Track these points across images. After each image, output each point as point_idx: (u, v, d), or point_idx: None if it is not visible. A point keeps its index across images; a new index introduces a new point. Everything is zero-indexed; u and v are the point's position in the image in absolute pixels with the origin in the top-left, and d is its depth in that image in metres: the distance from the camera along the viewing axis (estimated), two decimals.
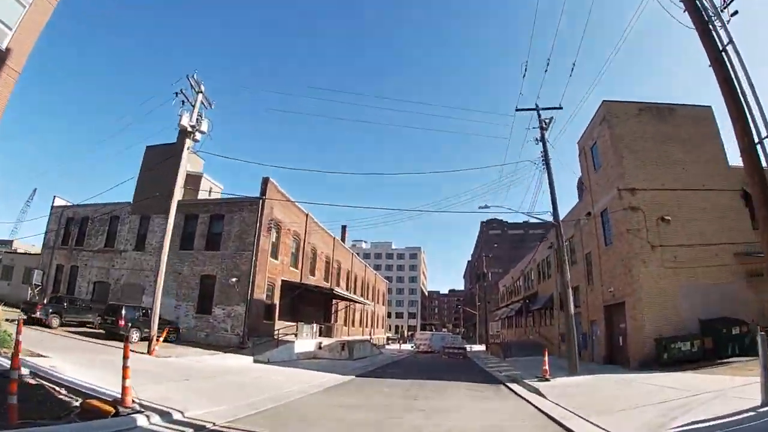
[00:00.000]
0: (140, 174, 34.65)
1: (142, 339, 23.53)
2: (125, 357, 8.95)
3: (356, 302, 43.11)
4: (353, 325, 50.62)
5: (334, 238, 43.99)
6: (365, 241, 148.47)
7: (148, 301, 29.79)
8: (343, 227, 59.42)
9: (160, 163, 30.64)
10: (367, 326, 57.62)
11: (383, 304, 72.13)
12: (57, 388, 9.39)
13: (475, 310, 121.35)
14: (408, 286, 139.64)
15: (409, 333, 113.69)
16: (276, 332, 27.72)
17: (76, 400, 8.61)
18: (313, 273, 37.09)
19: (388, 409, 11.18)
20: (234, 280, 26.86)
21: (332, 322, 40.52)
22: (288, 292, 31.17)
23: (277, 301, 30.10)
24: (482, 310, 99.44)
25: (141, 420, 7.98)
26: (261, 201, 28.26)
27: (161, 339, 20.49)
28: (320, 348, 30.80)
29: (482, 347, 60.39)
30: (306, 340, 30.08)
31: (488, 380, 20.81)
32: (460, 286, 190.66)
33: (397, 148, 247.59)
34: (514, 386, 17.18)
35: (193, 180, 34.39)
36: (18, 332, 7.91)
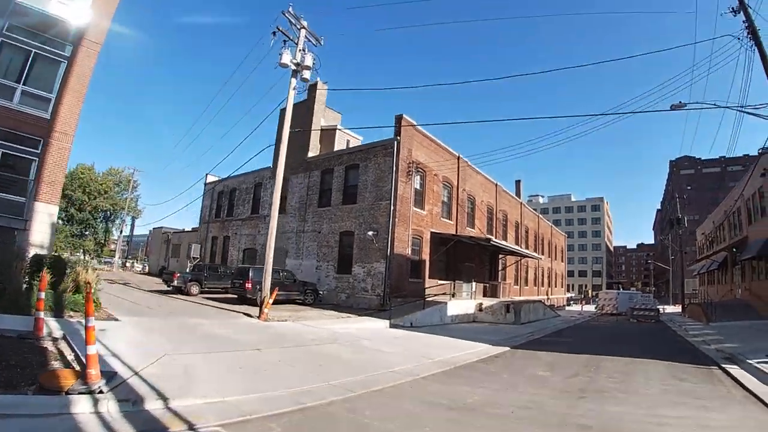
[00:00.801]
0: (277, 137, 33.34)
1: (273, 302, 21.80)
2: (87, 315, 6.21)
3: (521, 255, 37.06)
4: (526, 284, 44.74)
5: (497, 185, 38.32)
6: (542, 195, 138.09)
7: (292, 264, 28.14)
8: (517, 182, 53.57)
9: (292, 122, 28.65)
10: (542, 285, 51.05)
11: (562, 261, 64.16)
12: (66, 354, 7.86)
13: (668, 265, 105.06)
14: (591, 242, 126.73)
15: (593, 293, 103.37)
16: (425, 292, 23.64)
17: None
18: (472, 225, 32.23)
19: (520, 421, 6.38)
20: (371, 233, 23.50)
21: (498, 280, 35.35)
22: (439, 246, 26.91)
23: (426, 256, 26.08)
24: (676, 264, 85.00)
25: (83, 404, 5.34)
26: (395, 142, 24.30)
27: (271, 301, 17.79)
28: (480, 310, 26.13)
29: (676, 308, 49.91)
30: (463, 300, 25.74)
31: (694, 358, 14.18)
32: (649, 239, 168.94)
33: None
34: (736, 371, 10.92)
35: (328, 134, 31.84)
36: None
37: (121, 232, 66.21)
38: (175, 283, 26.35)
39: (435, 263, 26.88)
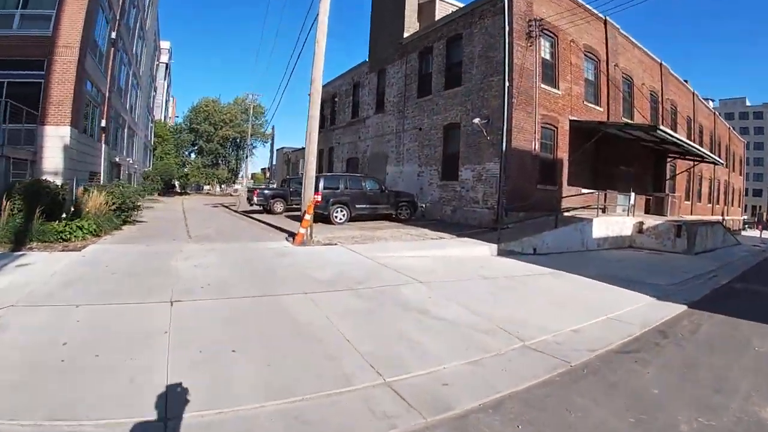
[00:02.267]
0: (371, 25, 27.56)
1: (351, 219, 17.35)
2: None
3: (698, 158, 26.81)
4: (699, 199, 34.23)
5: (661, 64, 28.08)
6: (711, 99, 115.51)
7: (392, 171, 22.59)
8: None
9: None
10: (717, 203, 39.68)
11: (740, 174, 50.64)
12: None
13: None
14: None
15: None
16: (560, 204, 16.45)
17: None
18: (630, 116, 23.30)
19: None
20: (477, 120, 16.59)
21: (665, 192, 26.32)
22: (582, 141, 19.09)
23: (562, 155, 18.67)
24: None
25: None
26: None
27: (308, 217, 12.04)
28: (640, 231, 18.40)
29: None
30: (616, 217, 18.23)
31: None
32: None
33: None
34: None
35: (427, 8, 24.14)
36: None
37: (246, 157, 66.29)
38: (255, 200, 22.74)
39: (576, 165, 19.20)
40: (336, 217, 16.98)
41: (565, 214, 16.77)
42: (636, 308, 7.54)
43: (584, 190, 19.00)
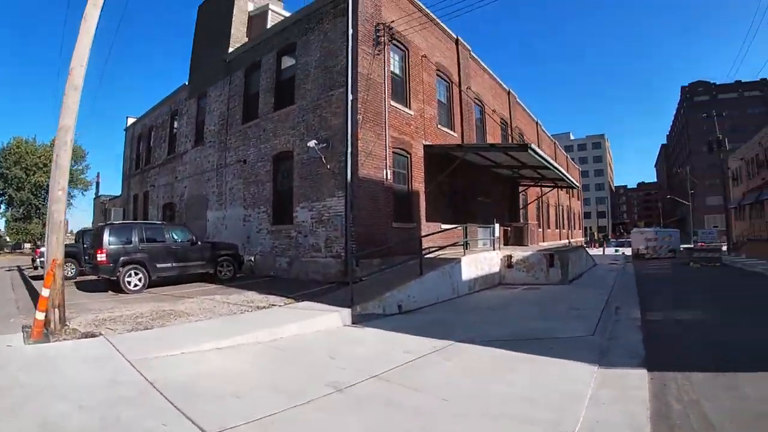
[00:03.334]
0: (194, 42, 23.14)
1: (152, 284, 12.79)
2: None
3: (555, 183, 26.40)
4: (548, 226, 34.67)
5: (509, 92, 27.69)
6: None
7: (214, 217, 18.15)
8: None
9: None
10: (563, 227, 41.16)
11: (578, 199, 54.22)
12: None
13: (677, 203, 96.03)
14: (593, 181, 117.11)
15: (600, 235, 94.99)
16: (421, 244, 13.49)
17: None
18: (483, 141, 21.66)
19: None
20: (313, 143, 13.13)
21: (521, 221, 25.30)
22: (438, 168, 16.59)
23: (418, 185, 15.87)
24: (696, 199, 76.13)
25: None
26: None
27: (47, 294, 8.64)
28: (510, 266, 16.24)
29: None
30: (482, 254, 15.64)
31: None
32: (650, 177, 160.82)
33: None
34: None
35: (258, 21, 20.62)
36: None
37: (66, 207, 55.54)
38: (38, 262, 17.77)
39: (434, 198, 16.61)
40: (129, 283, 12.13)
41: (428, 255, 13.89)
42: (596, 394, 4.57)
43: (444, 226, 16.43)
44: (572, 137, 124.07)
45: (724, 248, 36.75)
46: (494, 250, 16.55)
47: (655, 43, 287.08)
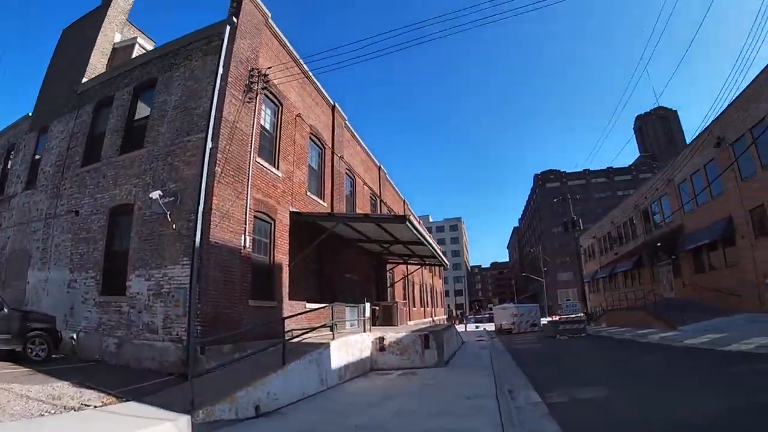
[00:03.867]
0: (48, 69, 19.72)
1: None
2: None
3: (423, 260, 26.08)
4: (414, 304, 34.14)
5: (380, 168, 27.46)
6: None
7: (37, 278, 14.40)
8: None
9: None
10: (427, 306, 41.14)
11: (440, 277, 55.43)
12: None
13: (531, 280, 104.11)
14: (451, 261, 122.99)
15: (458, 312, 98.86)
16: (284, 325, 11.40)
17: None
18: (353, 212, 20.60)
19: None
20: (157, 195, 10.69)
21: (389, 300, 24.22)
22: (304, 240, 14.92)
23: (282, 257, 13.85)
24: (549, 276, 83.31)
25: None
26: (228, 27, 11.95)
27: None
28: (381, 349, 14.78)
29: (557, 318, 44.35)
30: (352, 336, 13.93)
31: None
32: (503, 257, 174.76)
33: None
34: None
35: (123, 54, 18.08)
36: None
37: None
38: None
39: (299, 273, 14.70)
40: None
41: (293, 339, 11.85)
42: None
43: (310, 305, 14.63)
44: (431, 219, 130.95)
45: (545, 320, 39.44)
46: (364, 332, 14.95)
47: (509, 135, 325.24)
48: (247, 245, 11.64)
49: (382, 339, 15.02)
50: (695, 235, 26.75)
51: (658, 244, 30.58)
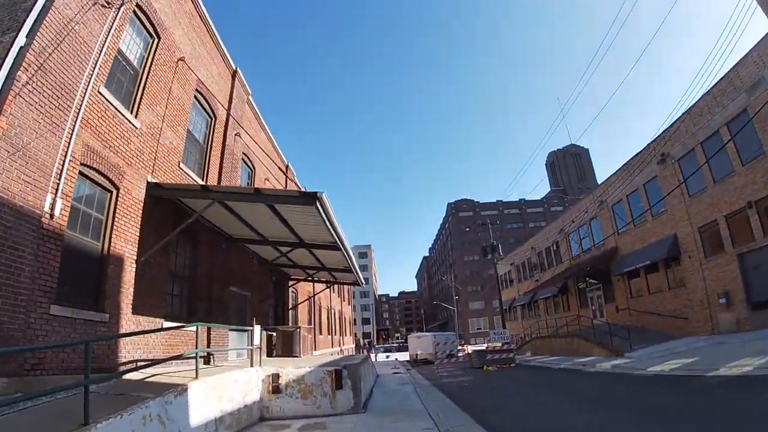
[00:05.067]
0: None
1: None
2: None
3: (333, 275, 21.55)
4: (320, 331, 29.62)
5: (288, 166, 23.23)
6: None
7: None
8: None
9: None
10: (335, 333, 36.78)
11: (349, 304, 51.32)
12: None
13: (439, 309, 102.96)
14: (359, 290, 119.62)
15: (365, 341, 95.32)
16: (118, 353, 6.90)
17: None
18: None
19: None
20: None
21: (291, 324, 19.87)
22: (167, 227, 10.41)
23: (128, 248, 9.16)
24: (462, 304, 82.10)
25: None
26: None
27: None
28: (276, 390, 10.64)
29: (475, 348, 42.19)
30: (234, 373, 9.50)
31: None
32: (410, 287, 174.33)
33: None
34: None
35: None
36: None
37: None
38: None
39: (153, 275, 10.03)
40: None
41: (128, 376, 7.47)
42: None
43: (168, 324, 10.05)
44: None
45: (469, 348, 36.94)
46: (252, 366, 10.68)
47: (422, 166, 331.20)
48: (57, 213, 7.03)
49: (277, 376, 10.82)
50: (632, 258, 25.28)
51: (588, 268, 28.94)
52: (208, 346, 11.63)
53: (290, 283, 21.57)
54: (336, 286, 38.05)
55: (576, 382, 15.35)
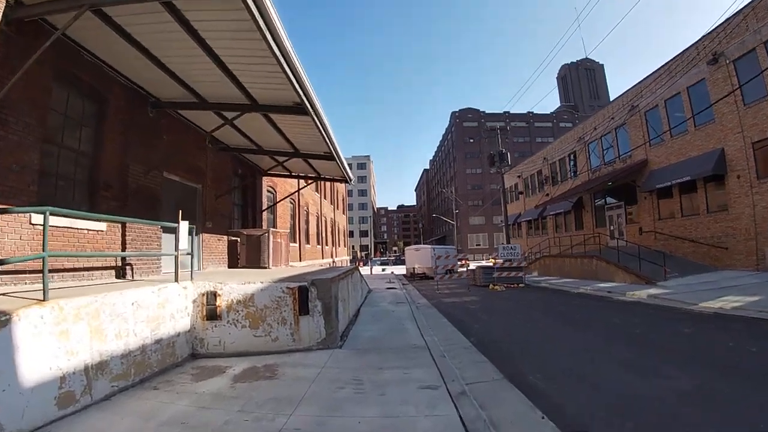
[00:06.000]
0: None
1: None
2: None
3: (318, 173, 17.93)
4: (308, 241, 26.54)
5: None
6: None
7: None
8: None
9: None
10: (326, 244, 33.91)
11: (344, 212, 48.37)
12: None
13: (438, 223, 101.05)
14: (357, 201, 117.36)
15: (362, 253, 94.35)
16: None
17: None
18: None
19: None
20: None
21: (264, 227, 16.53)
22: (28, 53, 6.60)
23: None
24: (461, 218, 79.54)
25: None
26: None
27: None
28: (213, 316, 7.56)
29: (474, 264, 39.34)
30: (123, 293, 6.15)
31: None
32: (409, 201, 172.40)
33: None
34: None
35: None
36: None
37: None
38: None
39: (8, 132, 6.59)
40: None
41: None
42: None
43: (37, 217, 6.59)
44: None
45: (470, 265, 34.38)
46: (177, 281, 7.42)
47: (425, 74, 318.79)
48: None
49: (213, 295, 7.62)
50: (664, 173, 21.58)
51: (610, 182, 25.22)
52: (123, 251, 8.31)
53: (264, 181, 18.01)
54: (326, 191, 34.80)
55: (613, 313, 12.17)
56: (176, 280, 7.53)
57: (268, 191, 18.66)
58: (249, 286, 7.75)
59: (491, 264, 27.38)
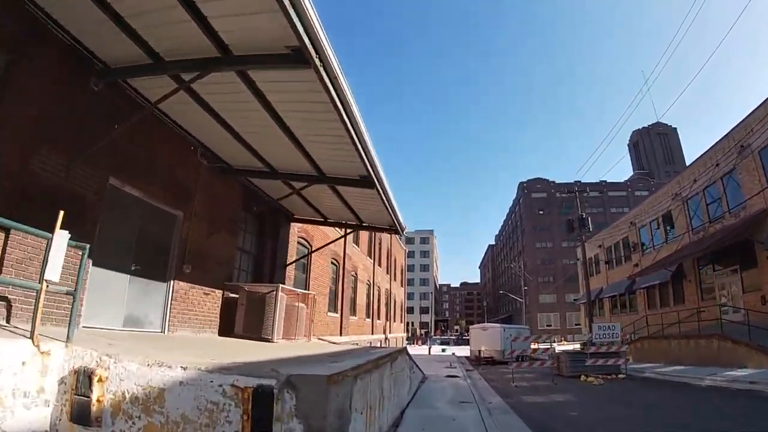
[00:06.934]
0: None
1: None
2: None
3: (359, 219, 13.82)
4: (353, 312, 22.42)
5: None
6: None
7: None
8: None
9: None
10: (378, 318, 29.62)
11: (402, 285, 44.10)
12: None
13: (504, 302, 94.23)
14: (418, 276, 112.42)
15: (422, 331, 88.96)
16: None
17: None
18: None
19: None
20: None
21: (273, 281, 12.64)
22: None
23: None
24: (530, 296, 72.86)
25: None
26: None
27: None
28: (83, 417, 3.29)
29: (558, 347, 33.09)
30: None
31: None
32: (473, 278, 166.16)
33: None
34: None
35: None
36: None
37: None
38: None
39: None
40: None
41: None
42: None
43: None
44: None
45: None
46: (31, 337, 3.72)
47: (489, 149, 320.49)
48: None
49: (88, 378, 3.78)
50: None
51: (720, 242, 19.91)
52: None
53: (294, 229, 14.30)
54: (382, 257, 31.04)
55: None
56: (32, 335, 3.86)
57: (300, 243, 15.04)
58: (159, 373, 3.87)
59: (579, 348, 22.27)
